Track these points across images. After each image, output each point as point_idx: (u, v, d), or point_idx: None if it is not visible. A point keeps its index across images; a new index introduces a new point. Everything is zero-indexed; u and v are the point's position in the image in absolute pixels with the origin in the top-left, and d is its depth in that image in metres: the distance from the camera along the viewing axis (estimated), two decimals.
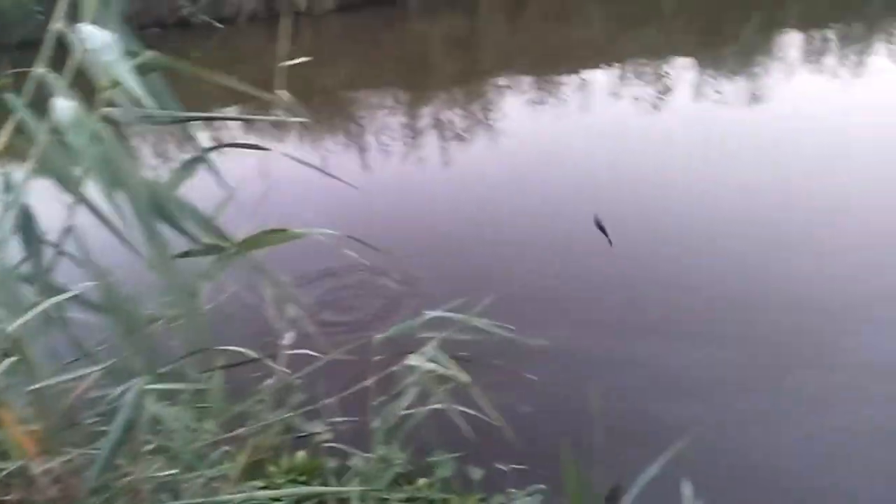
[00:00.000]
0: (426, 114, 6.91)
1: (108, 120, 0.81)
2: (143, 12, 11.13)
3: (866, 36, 7.54)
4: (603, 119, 5.98)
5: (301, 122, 6.56)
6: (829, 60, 6.83)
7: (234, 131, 6.80)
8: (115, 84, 0.78)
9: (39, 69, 0.82)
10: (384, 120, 6.83)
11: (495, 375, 1.50)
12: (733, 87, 6.24)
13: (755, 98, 5.94)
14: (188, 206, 0.80)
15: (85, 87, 0.85)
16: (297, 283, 3.57)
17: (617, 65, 7.45)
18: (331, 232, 1.03)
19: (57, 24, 0.82)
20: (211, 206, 0.94)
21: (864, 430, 2.47)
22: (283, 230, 0.95)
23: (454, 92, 7.49)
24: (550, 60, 8.08)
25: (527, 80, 7.39)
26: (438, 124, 6.48)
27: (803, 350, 2.82)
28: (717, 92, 6.20)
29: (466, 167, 5.39)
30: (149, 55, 0.81)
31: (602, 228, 2.59)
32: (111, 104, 0.81)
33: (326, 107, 7.63)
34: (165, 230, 0.80)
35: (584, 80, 7.09)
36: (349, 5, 11.25)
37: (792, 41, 7.65)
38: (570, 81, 7.12)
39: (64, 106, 0.77)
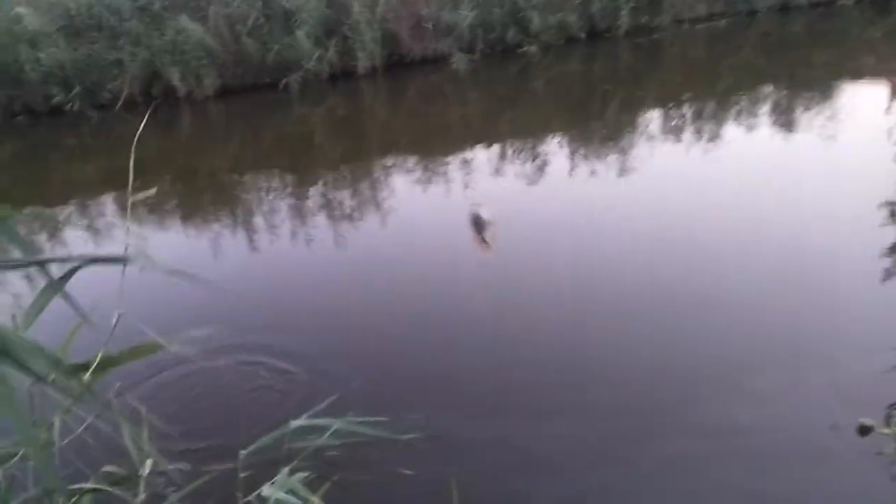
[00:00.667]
0: (312, 195, 6.95)
1: None
2: (14, 99, 10.68)
3: (719, 110, 8.31)
4: (483, 195, 6.22)
5: (182, 208, 6.44)
6: (687, 133, 7.46)
7: (110, 217, 6.57)
8: None
9: None
10: (270, 202, 6.81)
11: (367, 474, 1.50)
12: (604, 161, 6.67)
13: (624, 170, 6.37)
14: (33, 347, 0.79)
15: None
16: (159, 390, 3.43)
17: (496, 143, 7.81)
18: (198, 337, 1.03)
19: None
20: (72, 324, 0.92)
21: (730, 494, 2.63)
22: (143, 346, 0.95)
23: (340, 172, 7.59)
24: (432, 140, 8.39)
25: (411, 160, 7.61)
26: (326, 205, 6.53)
27: (667, 418, 2.97)
28: (590, 165, 6.62)
29: (355, 247, 5.44)
30: None
31: (479, 225, 2.65)
32: None
33: (210, 191, 7.52)
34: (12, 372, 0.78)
35: (465, 158, 7.38)
36: (230, 90, 11.27)
37: (652, 117, 8.32)
38: (452, 160, 7.40)
39: None
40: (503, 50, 12.25)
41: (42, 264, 0.81)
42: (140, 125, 1.97)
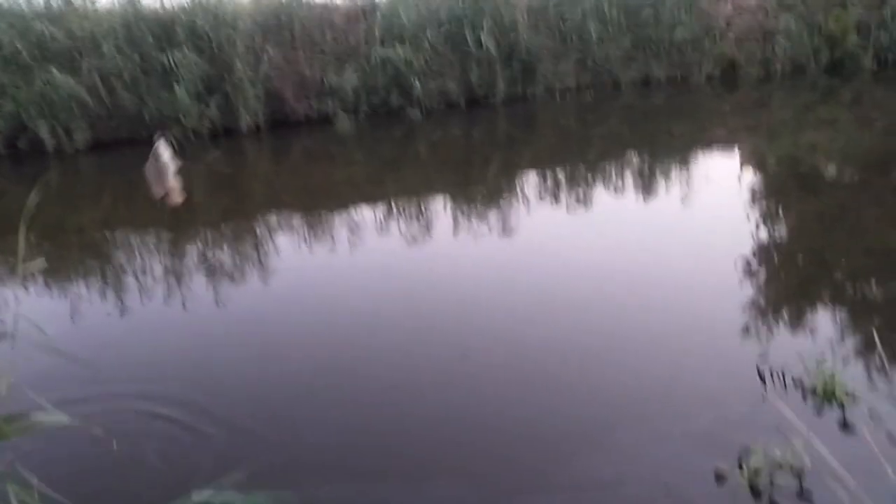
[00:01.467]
0: (190, 252, 6.75)
1: None
2: None
3: (589, 174, 8.89)
4: (370, 253, 6.30)
5: (48, 266, 6.08)
6: (560, 196, 7.92)
7: None
8: None
9: None
10: (145, 259, 6.55)
11: None
12: (483, 222, 6.94)
13: (501, 230, 6.65)
14: None
15: None
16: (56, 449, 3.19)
17: (381, 202, 7.95)
18: (66, 420, 1.02)
19: None
20: None
21: None
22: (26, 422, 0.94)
23: (221, 229, 7.43)
24: (316, 198, 8.41)
25: (295, 217, 7.58)
26: (205, 262, 6.35)
27: (532, 476, 3.06)
28: (470, 225, 6.87)
29: (234, 306, 5.31)
30: None
31: (160, 167, 2.60)
32: None
33: (79, 247, 7.13)
34: None
35: (351, 216, 7.45)
36: (103, 144, 10.85)
37: (528, 180, 8.77)
38: (337, 218, 7.44)
39: None
40: (387, 112, 12.59)
41: None
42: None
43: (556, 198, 7.77)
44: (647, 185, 7.91)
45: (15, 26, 10.62)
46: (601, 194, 7.81)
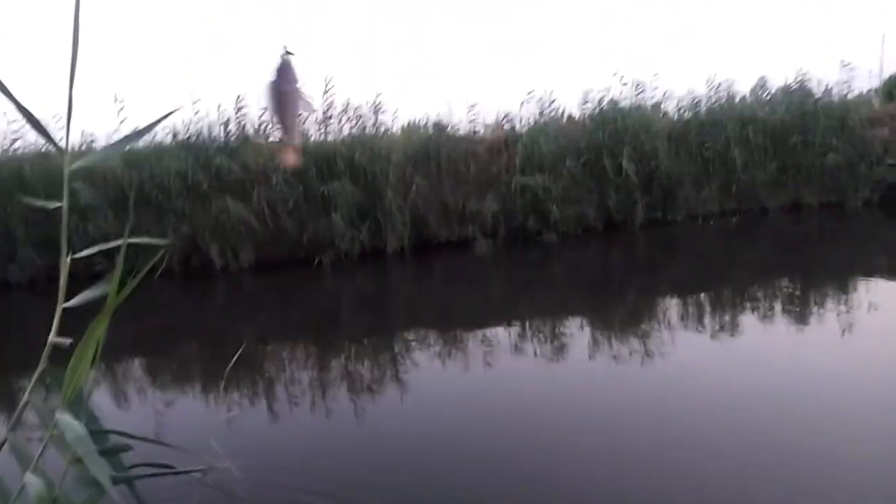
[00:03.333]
0: (335, 366, 7.10)
1: None
2: (56, 266, 11.30)
3: (735, 301, 8.53)
4: (505, 372, 6.33)
5: (206, 374, 6.59)
6: (706, 320, 7.63)
7: (141, 385, 6.71)
8: None
9: None
10: (293, 373, 6.96)
11: None
12: (621, 346, 6.81)
13: (641, 355, 6.48)
14: None
15: None
16: None
17: (516, 323, 8.03)
18: None
19: None
20: None
21: None
22: None
23: (364, 346, 7.79)
24: (454, 317, 8.65)
25: (432, 335, 7.83)
26: (348, 376, 6.66)
27: None
28: (607, 349, 6.75)
29: (376, 419, 5.48)
30: None
31: (285, 99, 2.02)
32: None
33: (238, 361, 7.71)
34: None
35: (485, 336, 7.58)
36: (264, 264, 11.87)
37: (670, 304, 8.55)
38: (472, 337, 7.59)
39: None
40: (524, 236, 12.91)
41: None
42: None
43: (699, 324, 7.50)
44: (799, 314, 7.46)
45: (199, 160, 12.17)
46: (748, 322, 7.44)
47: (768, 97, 14.85)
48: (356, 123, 12.92)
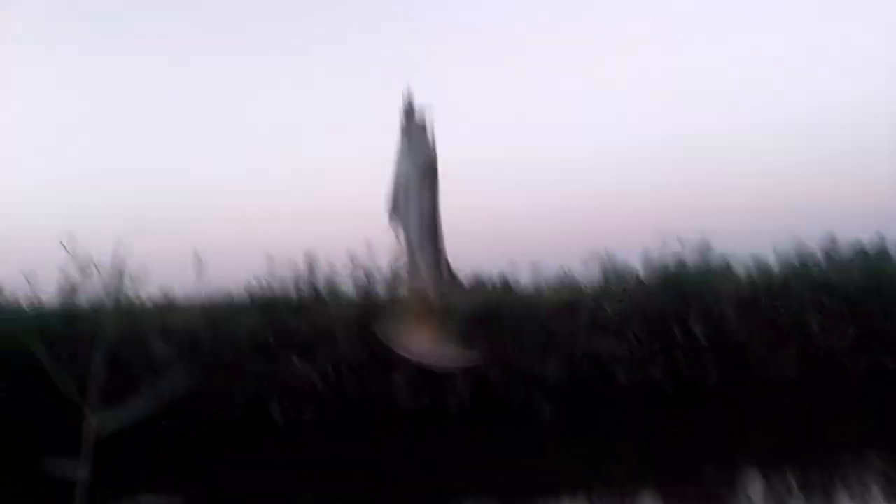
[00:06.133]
0: None
1: None
2: None
3: (824, 482, 7.87)
4: None
5: None
6: (791, 498, 7.05)
7: None
8: None
9: None
10: None
11: None
12: None
13: None
14: None
15: None
16: None
17: (584, 494, 7.61)
18: None
19: None
20: None
21: None
22: None
23: None
24: (516, 483, 8.25)
25: (493, 501, 7.47)
26: None
27: None
28: None
29: None
30: None
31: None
32: None
33: None
34: None
35: None
36: (323, 422, 11.79)
37: (752, 481, 7.96)
38: None
39: None
40: (590, 401, 12.52)
41: None
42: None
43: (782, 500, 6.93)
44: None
45: (268, 318, 12.51)
46: (841, 499, 6.83)
47: (841, 260, 14.59)
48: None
